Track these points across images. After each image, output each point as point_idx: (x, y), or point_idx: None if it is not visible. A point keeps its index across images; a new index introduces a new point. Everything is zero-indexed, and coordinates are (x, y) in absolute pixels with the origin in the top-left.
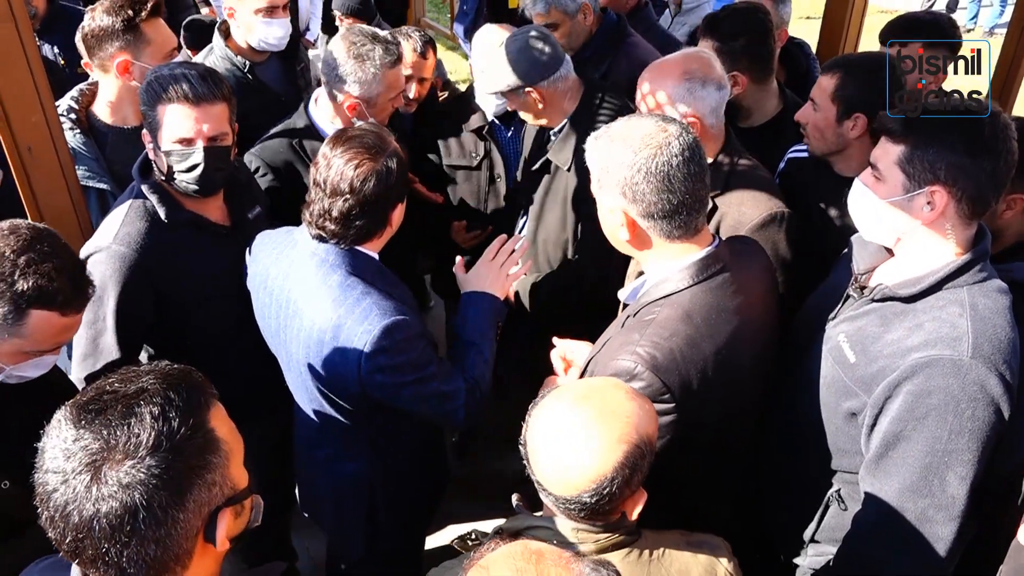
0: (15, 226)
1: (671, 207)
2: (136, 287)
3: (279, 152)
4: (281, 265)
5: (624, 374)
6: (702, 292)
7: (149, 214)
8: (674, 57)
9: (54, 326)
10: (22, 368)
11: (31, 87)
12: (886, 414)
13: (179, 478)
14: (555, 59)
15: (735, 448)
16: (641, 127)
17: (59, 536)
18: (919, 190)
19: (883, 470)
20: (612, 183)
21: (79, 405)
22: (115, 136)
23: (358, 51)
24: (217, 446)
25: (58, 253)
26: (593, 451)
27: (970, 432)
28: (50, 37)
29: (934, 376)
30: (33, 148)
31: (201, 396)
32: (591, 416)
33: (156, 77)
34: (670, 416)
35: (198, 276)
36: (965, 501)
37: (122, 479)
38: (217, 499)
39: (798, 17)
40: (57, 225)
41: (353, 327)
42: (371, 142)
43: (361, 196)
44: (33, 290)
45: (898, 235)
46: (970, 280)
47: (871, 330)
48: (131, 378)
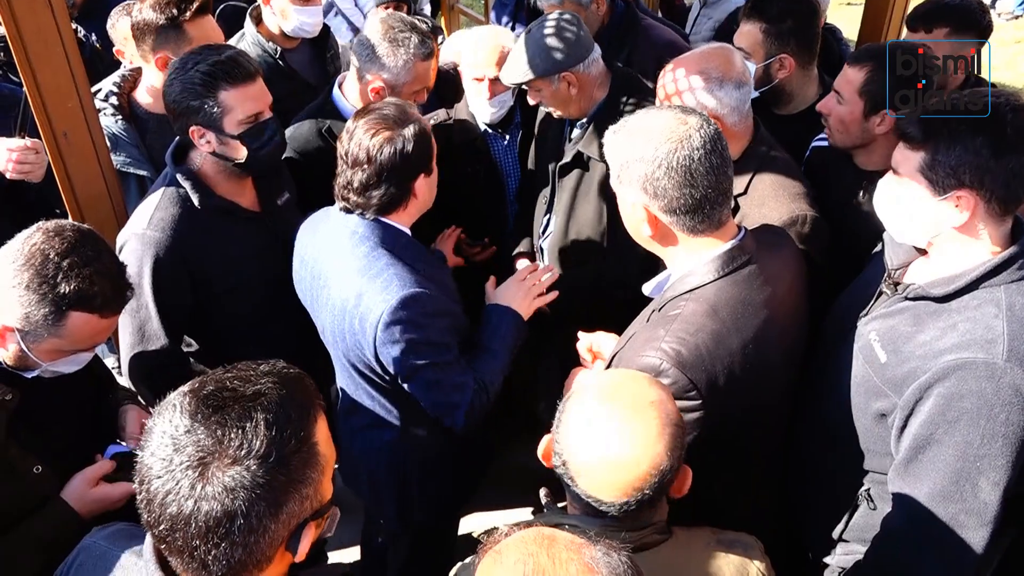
0: (60, 227)
1: (694, 201)
2: (171, 271)
3: (309, 140)
4: (316, 239)
5: (650, 371)
6: (728, 285)
7: (182, 200)
8: (691, 56)
9: (92, 327)
10: (58, 364)
11: (67, 73)
12: (916, 416)
13: (280, 490)
14: (589, 42)
15: (763, 444)
16: (660, 120)
17: (154, 520)
18: (945, 195)
19: (913, 474)
20: (632, 178)
21: (199, 397)
22: (156, 123)
23: (394, 36)
24: (317, 461)
25: (100, 257)
26: (643, 446)
27: (1004, 437)
28: (88, 23)
29: (967, 379)
30: (69, 133)
31: (311, 408)
32: (628, 414)
33: (201, 69)
34: (696, 413)
35: (229, 261)
36: (998, 507)
37: (227, 483)
38: (306, 512)
39: (838, 3)
40: (91, 209)
41: (373, 296)
42: (391, 113)
43: (378, 165)
44: (74, 293)
45: (929, 238)
46: (1008, 279)
47: (903, 329)
48: (250, 377)
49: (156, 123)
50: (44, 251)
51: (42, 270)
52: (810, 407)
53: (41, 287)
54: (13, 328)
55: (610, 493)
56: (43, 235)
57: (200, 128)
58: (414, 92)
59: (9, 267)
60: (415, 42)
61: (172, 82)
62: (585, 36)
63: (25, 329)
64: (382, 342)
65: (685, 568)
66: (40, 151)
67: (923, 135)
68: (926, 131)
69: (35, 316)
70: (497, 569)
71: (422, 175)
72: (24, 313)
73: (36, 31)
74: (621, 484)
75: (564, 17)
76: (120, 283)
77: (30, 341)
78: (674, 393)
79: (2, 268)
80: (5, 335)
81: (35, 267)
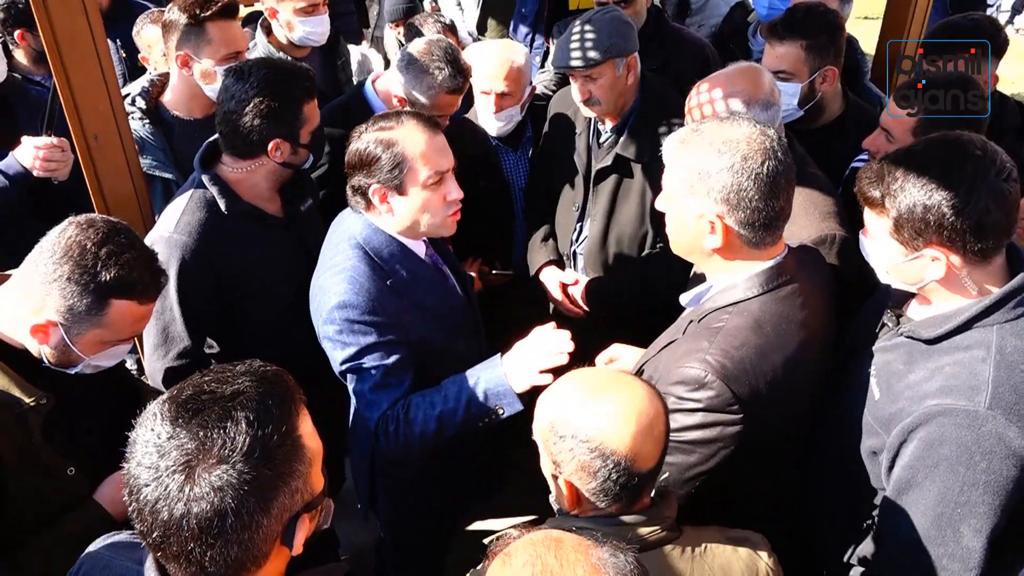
0: (92, 220)
1: (774, 214)
2: (198, 274)
3: (336, 128)
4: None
5: (693, 382)
6: (772, 301)
7: (209, 204)
8: (719, 76)
9: (133, 314)
10: (99, 358)
11: (99, 77)
12: (900, 458)
13: (268, 485)
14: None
15: (788, 461)
16: (742, 130)
17: (146, 529)
18: (917, 254)
19: (899, 513)
20: (711, 188)
21: (178, 402)
22: (181, 127)
23: (428, 62)
24: (303, 453)
25: (134, 244)
26: (648, 396)
27: (985, 484)
28: (113, 31)
29: (947, 426)
30: (99, 136)
31: (292, 403)
32: (617, 385)
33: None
34: (736, 427)
35: (254, 266)
36: (982, 553)
37: (215, 482)
38: (298, 505)
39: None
40: (120, 211)
41: (326, 290)
42: (388, 121)
43: (346, 156)
44: (115, 280)
45: (916, 287)
46: (1002, 318)
47: (896, 367)
48: (228, 378)
49: (182, 127)
50: (81, 242)
51: (81, 261)
52: (826, 430)
53: (83, 277)
54: (56, 323)
55: (658, 453)
56: (76, 228)
57: (281, 140)
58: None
59: (48, 262)
60: (445, 74)
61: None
62: (633, 27)
63: (68, 322)
64: (322, 335)
65: (696, 564)
66: (66, 149)
67: (883, 199)
68: (885, 195)
69: (78, 307)
70: (506, 571)
71: (387, 189)
72: (67, 305)
73: (70, 35)
74: (660, 437)
75: (616, 9)
76: (155, 268)
77: (73, 334)
78: (716, 406)
79: (40, 264)
80: (48, 330)
81: (74, 259)
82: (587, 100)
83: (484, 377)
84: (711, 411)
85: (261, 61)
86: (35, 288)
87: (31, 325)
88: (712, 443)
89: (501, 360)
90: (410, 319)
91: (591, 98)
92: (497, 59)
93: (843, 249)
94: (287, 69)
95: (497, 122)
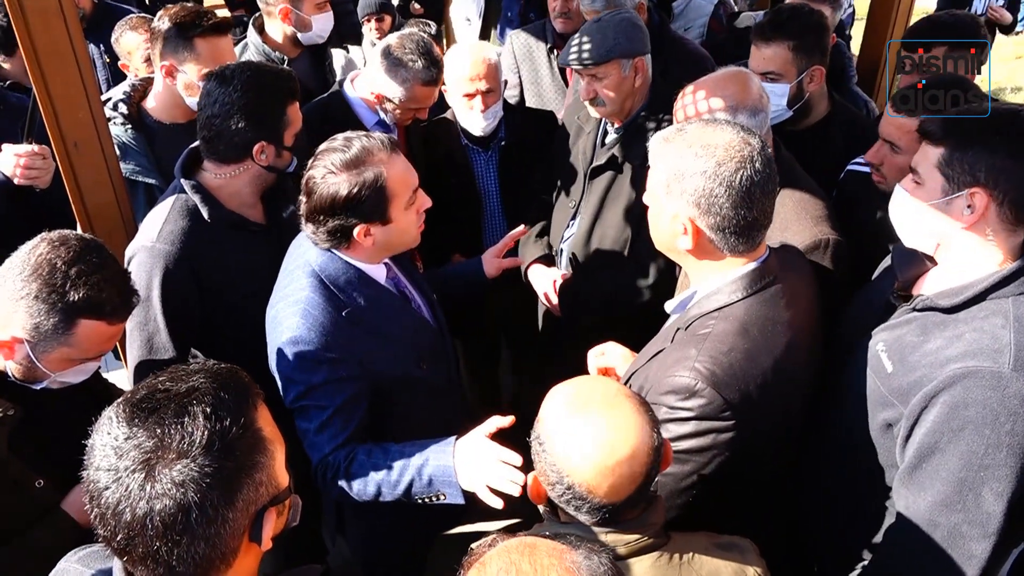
0: (64, 237)
1: (745, 223)
2: (181, 284)
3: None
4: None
5: (684, 391)
6: (756, 304)
7: (191, 212)
8: (707, 81)
9: (101, 335)
10: (65, 375)
11: (79, 84)
12: (921, 425)
13: (230, 477)
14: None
15: (781, 461)
16: (723, 136)
17: (109, 533)
18: (958, 192)
19: (916, 482)
20: (685, 190)
21: (132, 403)
22: (164, 132)
23: (401, 55)
24: (264, 445)
25: (106, 264)
26: (635, 433)
27: (1009, 447)
28: (96, 36)
29: (972, 388)
30: (79, 144)
31: (249, 395)
32: (607, 412)
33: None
34: (729, 433)
35: (238, 274)
36: (1002, 518)
37: (176, 477)
38: (263, 498)
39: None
40: (100, 219)
41: (280, 321)
42: (353, 154)
43: (315, 201)
44: (83, 300)
45: (938, 240)
46: (1017, 290)
47: (910, 339)
48: (181, 377)
49: (164, 132)
50: (51, 261)
51: (50, 279)
52: (823, 421)
53: (50, 296)
54: (22, 339)
55: (626, 489)
56: (48, 245)
57: (265, 143)
58: (410, 109)
59: (16, 279)
60: (419, 67)
61: (239, 103)
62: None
63: (34, 340)
64: (271, 365)
65: (683, 572)
66: (47, 157)
67: (943, 132)
68: (946, 128)
69: (45, 326)
70: None
71: (370, 224)
72: (34, 323)
73: (49, 43)
74: (632, 475)
75: (628, 12)
76: (126, 289)
77: (39, 351)
78: (708, 413)
79: (8, 281)
80: (14, 347)
81: (43, 277)
82: (592, 99)
83: (433, 461)
84: (704, 419)
85: (243, 64)
86: (2, 304)
87: None
88: (706, 451)
89: (454, 448)
90: (368, 348)
91: (596, 98)
92: (476, 59)
93: (837, 252)
94: (270, 71)
95: (485, 120)
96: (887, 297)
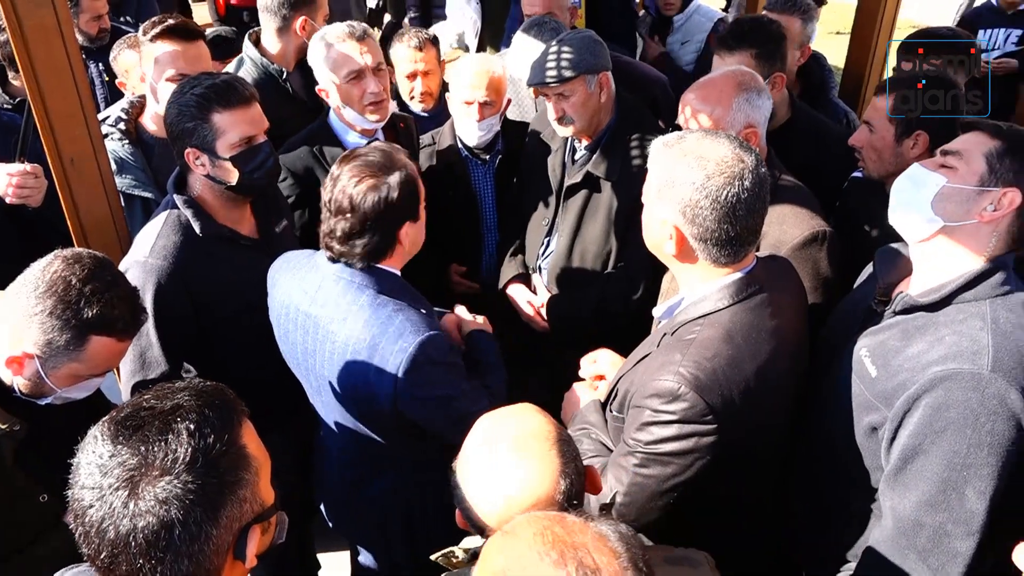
0: (78, 255)
1: (727, 237)
2: (174, 299)
3: (300, 158)
4: (306, 289)
5: (667, 395)
6: (742, 312)
7: (184, 227)
8: (722, 73)
9: (111, 351)
10: (70, 391)
11: (76, 101)
12: (905, 428)
13: (214, 494)
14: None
15: (766, 467)
16: (718, 150)
17: (93, 552)
18: (994, 187)
19: (901, 483)
20: (673, 197)
21: (116, 421)
22: (161, 147)
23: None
24: (248, 462)
25: (118, 282)
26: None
27: (989, 446)
28: (97, 56)
29: (953, 390)
30: (76, 160)
31: (233, 413)
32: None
33: (196, 92)
34: (711, 437)
35: (231, 288)
36: (984, 517)
37: (159, 495)
38: (247, 515)
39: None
40: (96, 234)
41: (387, 346)
42: (376, 159)
43: (362, 214)
44: (97, 317)
45: (942, 225)
46: (992, 293)
47: (893, 344)
48: (166, 394)
49: (161, 148)
50: (66, 278)
51: (65, 296)
52: (808, 426)
53: (64, 313)
54: (33, 355)
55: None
56: (63, 263)
57: (195, 150)
58: (349, 81)
59: (31, 295)
60: (336, 32)
61: (170, 105)
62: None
63: (45, 355)
64: (404, 389)
65: None
66: (39, 176)
67: (997, 130)
68: (999, 127)
69: (57, 342)
70: (514, 542)
71: (408, 222)
72: (46, 339)
73: (47, 59)
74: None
75: (588, 31)
76: (136, 306)
77: (48, 367)
78: (690, 417)
79: (22, 297)
80: (24, 362)
81: (58, 294)
82: (561, 119)
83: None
84: (686, 422)
85: (200, 74)
86: (15, 320)
87: (7, 356)
88: (688, 454)
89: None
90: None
91: (564, 116)
92: (478, 69)
93: (832, 243)
94: (207, 76)
95: (479, 131)
96: (869, 303)
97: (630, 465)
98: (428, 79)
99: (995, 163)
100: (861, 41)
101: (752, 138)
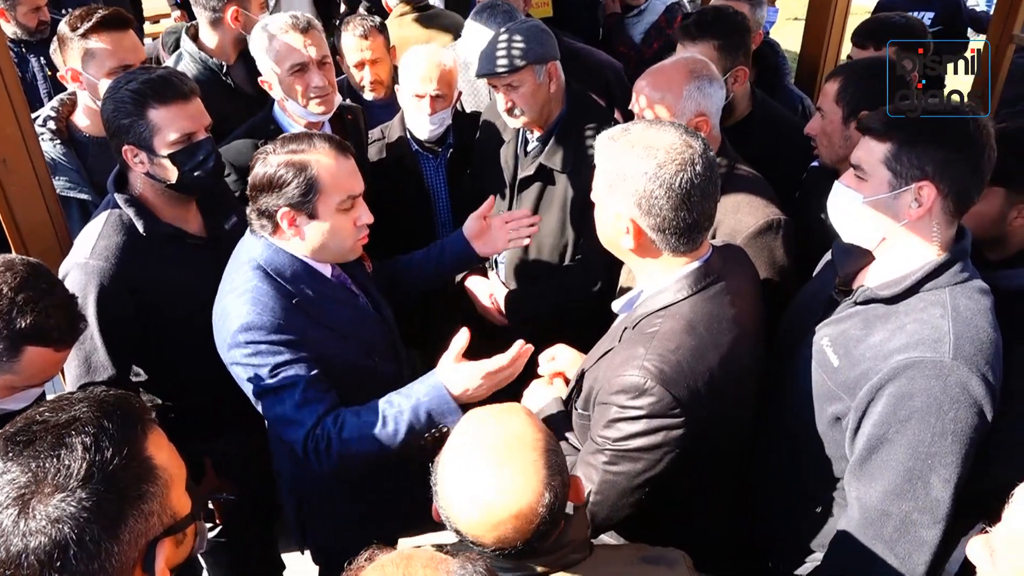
0: (10, 262)
1: (685, 225)
2: (117, 301)
3: (243, 152)
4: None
5: (633, 390)
6: (702, 302)
7: (126, 227)
8: (675, 61)
9: (47, 362)
10: (6, 402)
11: (5, 100)
12: (869, 417)
13: (112, 510)
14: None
15: (731, 458)
16: (666, 138)
17: None
18: (906, 187)
19: (867, 473)
20: (626, 191)
21: (6, 437)
22: (95, 146)
23: (264, 23)
24: (155, 475)
25: (53, 290)
26: (522, 492)
27: (953, 434)
28: (38, 49)
29: (916, 378)
30: (8, 160)
31: (138, 423)
32: (498, 462)
33: (131, 88)
34: (679, 430)
35: (178, 288)
36: (949, 504)
37: (51, 513)
38: (155, 529)
39: (785, 19)
40: (34, 237)
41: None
42: (293, 143)
43: (252, 177)
44: (30, 328)
45: (882, 235)
46: (951, 281)
47: (854, 333)
48: (63, 406)
49: (96, 146)
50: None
51: None
52: (771, 417)
53: None
54: None
55: (515, 541)
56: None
57: (132, 148)
58: (295, 71)
59: None
60: (278, 22)
61: (106, 101)
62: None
63: None
64: (229, 361)
65: None
66: None
67: (886, 128)
68: (889, 124)
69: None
70: None
71: (297, 212)
72: None
73: None
74: (519, 530)
75: (534, 20)
76: (74, 314)
77: None
78: (657, 411)
79: None
80: None
81: None
82: (511, 109)
83: (424, 397)
84: (654, 417)
85: (136, 69)
86: None
87: None
88: (657, 448)
89: (437, 379)
90: (319, 338)
91: (514, 107)
92: (430, 62)
93: (787, 231)
94: (143, 71)
95: (431, 124)
96: (829, 292)
97: (599, 463)
98: (376, 67)
99: (895, 165)
100: (816, 27)
101: (703, 126)
